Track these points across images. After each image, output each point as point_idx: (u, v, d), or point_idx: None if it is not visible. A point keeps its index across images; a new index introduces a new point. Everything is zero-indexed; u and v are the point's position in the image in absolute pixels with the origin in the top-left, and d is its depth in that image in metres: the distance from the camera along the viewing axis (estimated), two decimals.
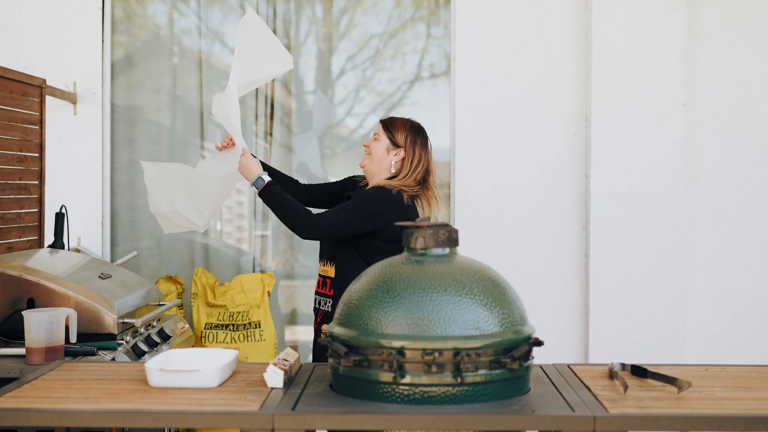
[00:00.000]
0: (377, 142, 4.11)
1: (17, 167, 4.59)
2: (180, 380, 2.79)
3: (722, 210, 5.52)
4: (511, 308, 2.70)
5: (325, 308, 4.03)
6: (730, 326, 5.53)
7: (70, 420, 2.52)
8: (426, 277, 2.66)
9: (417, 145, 4.13)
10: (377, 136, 4.12)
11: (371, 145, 4.13)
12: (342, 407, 2.55)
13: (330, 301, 4.01)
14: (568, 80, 5.52)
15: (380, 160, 4.11)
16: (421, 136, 4.16)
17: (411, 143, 4.11)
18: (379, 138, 4.12)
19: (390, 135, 4.11)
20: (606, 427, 2.45)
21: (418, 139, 4.14)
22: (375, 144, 4.12)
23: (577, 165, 5.51)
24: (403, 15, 5.83)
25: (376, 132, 4.15)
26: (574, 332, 5.51)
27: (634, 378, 2.94)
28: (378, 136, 4.12)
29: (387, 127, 4.13)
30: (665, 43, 5.36)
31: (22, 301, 3.74)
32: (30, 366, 3.37)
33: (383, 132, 4.12)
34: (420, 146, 4.14)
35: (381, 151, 4.11)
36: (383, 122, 4.16)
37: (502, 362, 2.60)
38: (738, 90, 5.52)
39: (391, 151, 4.10)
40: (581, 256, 5.49)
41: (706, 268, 5.53)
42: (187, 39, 5.90)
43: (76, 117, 5.62)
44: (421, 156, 4.13)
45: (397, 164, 4.10)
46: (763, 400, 2.66)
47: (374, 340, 2.59)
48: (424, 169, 4.12)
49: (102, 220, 5.69)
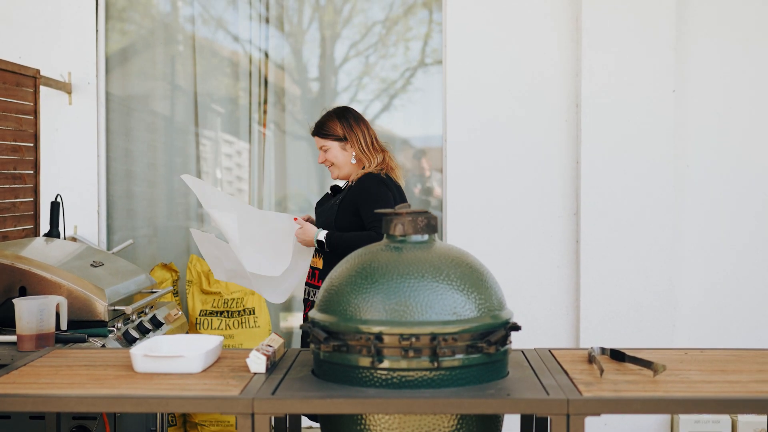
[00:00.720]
0: (330, 152, 4.29)
1: (12, 157, 4.64)
2: (164, 366, 2.83)
3: (712, 195, 5.56)
4: (488, 294, 2.74)
5: (314, 299, 4.12)
6: (720, 310, 5.56)
7: (54, 405, 2.57)
8: (404, 264, 2.70)
9: (353, 124, 4.29)
10: (324, 147, 4.29)
11: (327, 158, 4.30)
12: (321, 392, 2.59)
13: (317, 291, 4.06)
14: (558, 67, 5.55)
15: (344, 162, 4.30)
16: (348, 114, 4.33)
17: (348, 128, 4.28)
18: (327, 146, 4.28)
19: (331, 136, 4.28)
20: (579, 410, 2.49)
21: (349, 119, 4.31)
22: (328, 154, 4.29)
23: (567, 152, 5.54)
24: (406, 1, 5.86)
25: (320, 147, 4.31)
26: (565, 317, 5.55)
27: (612, 362, 2.98)
28: (324, 146, 4.29)
29: (323, 134, 4.29)
30: (655, 29, 5.38)
31: (14, 290, 3.80)
32: (21, 353, 3.42)
33: (324, 140, 4.29)
34: (355, 123, 4.30)
35: (338, 155, 4.29)
36: (316, 134, 4.32)
37: (478, 347, 2.64)
38: (728, 76, 5.55)
39: (346, 148, 4.28)
40: (572, 242, 5.53)
41: (697, 253, 5.57)
42: (182, 26, 5.93)
43: (72, 107, 5.67)
44: (363, 130, 4.30)
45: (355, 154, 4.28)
46: (736, 383, 2.70)
47: (353, 325, 2.64)
48: (371, 138, 4.31)
49: (98, 208, 5.74)
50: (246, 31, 5.87)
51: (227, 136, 5.97)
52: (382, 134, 5.87)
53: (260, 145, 5.90)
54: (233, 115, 5.91)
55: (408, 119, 5.96)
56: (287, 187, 5.91)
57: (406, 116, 5.96)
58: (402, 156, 5.95)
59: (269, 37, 5.88)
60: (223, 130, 5.97)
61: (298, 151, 5.93)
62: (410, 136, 5.97)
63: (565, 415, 2.48)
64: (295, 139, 5.91)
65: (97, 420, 3.59)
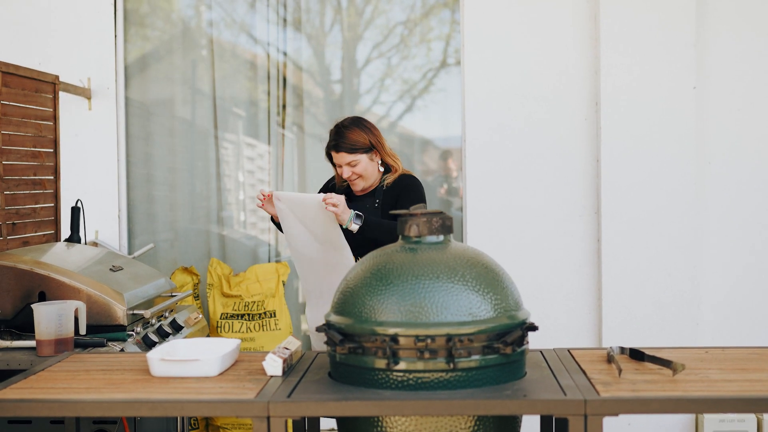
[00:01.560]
0: (359, 165, 4.16)
1: (31, 163, 4.66)
2: (181, 370, 2.84)
3: (734, 192, 5.51)
4: (505, 294, 2.72)
5: None
6: (744, 309, 5.52)
7: (70, 410, 2.58)
8: (419, 265, 2.69)
9: (374, 132, 4.20)
10: (353, 162, 4.15)
11: (356, 171, 4.16)
12: (336, 394, 2.59)
13: None
14: (577, 66, 5.52)
15: (373, 172, 4.21)
16: (365, 122, 4.22)
17: (372, 135, 4.18)
18: (357, 160, 4.15)
19: (359, 150, 4.14)
20: (597, 410, 2.47)
21: (369, 126, 4.21)
22: (358, 168, 4.16)
23: (587, 150, 5.51)
24: (427, 1, 5.85)
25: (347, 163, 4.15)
26: (588, 317, 5.52)
27: (631, 361, 2.96)
28: (353, 161, 4.14)
29: (350, 149, 4.13)
30: (674, 26, 5.35)
31: (33, 295, 3.81)
32: (40, 358, 3.43)
33: (353, 155, 4.14)
34: (374, 129, 4.21)
35: (368, 167, 4.18)
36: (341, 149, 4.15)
37: (495, 347, 2.62)
38: (749, 72, 5.50)
39: (373, 157, 4.19)
40: (593, 241, 5.50)
41: (719, 251, 5.52)
42: (203, 31, 5.94)
43: (91, 112, 5.69)
44: (380, 135, 4.22)
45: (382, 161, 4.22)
46: (756, 382, 2.68)
47: (368, 327, 2.63)
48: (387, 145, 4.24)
49: (119, 213, 5.75)
50: (265, 34, 5.88)
51: (248, 138, 5.97)
52: (405, 135, 5.87)
53: (281, 148, 5.90)
54: (254, 118, 5.91)
55: (431, 120, 5.95)
56: (307, 189, 5.90)
57: (429, 117, 5.94)
58: (426, 157, 5.93)
59: (289, 39, 5.88)
60: (244, 133, 5.97)
61: (318, 153, 5.92)
62: (433, 137, 5.95)
63: (583, 416, 2.46)
64: (316, 141, 5.90)
65: (118, 424, 3.60)
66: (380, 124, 5.96)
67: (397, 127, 5.97)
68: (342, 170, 4.19)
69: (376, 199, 4.21)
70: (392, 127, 5.96)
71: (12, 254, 3.92)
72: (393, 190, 4.17)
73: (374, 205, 4.18)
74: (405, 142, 5.94)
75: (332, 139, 4.20)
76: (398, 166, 4.23)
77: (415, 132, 5.95)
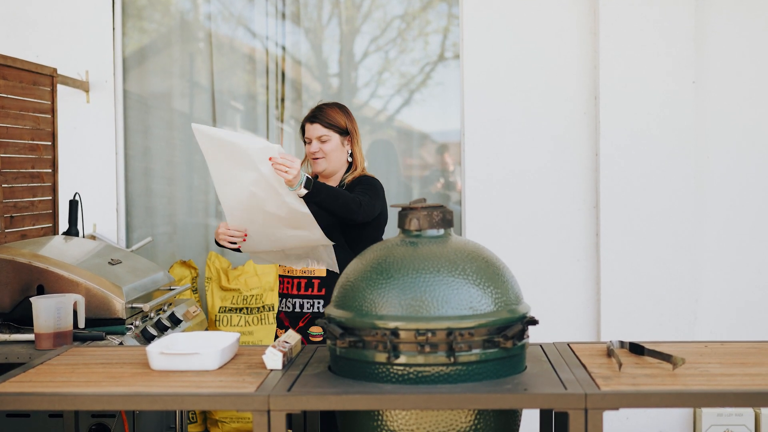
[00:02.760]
0: (329, 143, 3.92)
1: (29, 156, 4.65)
2: (181, 363, 2.83)
3: (733, 187, 5.51)
4: (505, 288, 2.72)
5: (315, 309, 3.86)
6: (742, 303, 5.52)
7: (70, 403, 2.57)
8: (419, 259, 2.68)
9: (354, 121, 4.01)
10: (324, 138, 3.91)
11: (324, 149, 3.91)
12: (337, 388, 2.58)
13: (321, 301, 3.85)
14: (576, 59, 5.51)
15: (339, 159, 3.97)
16: (348, 110, 4.03)
17: (351, 124, 3.99)
18: (329, 137, 3.92)
19: (334, 127, 3.93)
20: (597, 404, 2.47)
21: (351, 115, 4.02)
22: (327, 145, 3.92)
23: (587, 144, 5.51)
24: None
25: (318, 137, 3.91)
26: (586, 311, 5.52)
27: (631, 355, 2.96)
28: (325, 136, 3.91)
29: (327, 123, 3.92)
30: (674, 19, 5.34)
31: (32, 288, 3.80)
32: (39, 351, 3.43)
33: (327, 129, 3.92)
34: (354, 121, 4.02)
35: (337, 151, 3.95)
36: (320, 120, 3.93)
37: (495, 341, 2.62)
38: (748, 67, 5.50)
39: (344, 143, 3.97)
40: (592, 235, 5.50)
41: (718, 245, 5.52)
42: (201, 24, 5.93)
43: (89, 105, 5.68)
44: (359, 133, 4.03)
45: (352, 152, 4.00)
46: (756, 376, 2.67)
47: (369, 321, 2.62)
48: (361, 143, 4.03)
49: (117, 206, 5.75)
50: (263, 28, 5.87)
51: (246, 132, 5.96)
52: (403, 129, 5.87)
53: (279, 141, 5.89)
54: (252, 111, 5.91)
55: (428, 114, 5.94)
56: None
57: (427, 111, 5.94)
58: (424, 151, 5.93)
59: (287, 33, 5.87)
60: (242, 126, 5.96)
61: None
62: (431, 131, 5.95)
63: (583, 410, 2.46)
64: None
65: (116, 417, 3.60)
66: (378, 118, 5.96)
67: (395, 121, 5.96)
68: (310, 146, 3.94)
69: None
70: (390, 121, 5.95)
71: (10, 247, 3.91)
72: (351, 186, 3.92)
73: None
74: (403, 136, 5.93)
75: (311, 112, 3.98)
76: (362, 166, 4.00)
77: (412, 126, 5.94)
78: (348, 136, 3.96)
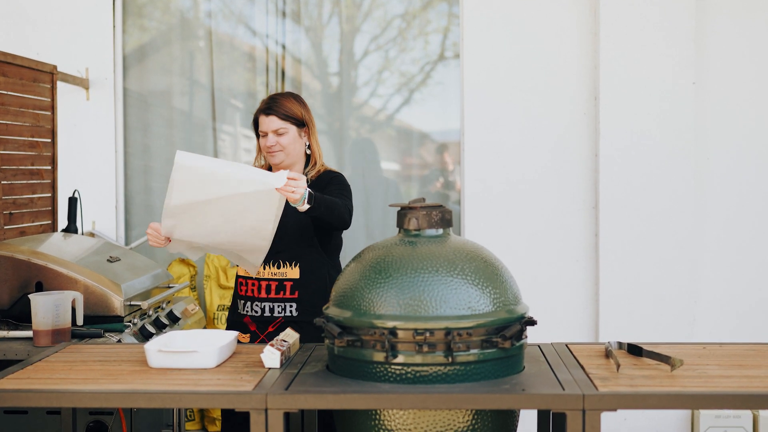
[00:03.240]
0: (286, 136, 3.74)
1: (29, 153, 4.65)
2: (179, 361, 2.83)
3: (733, 188, 5.51)
4: (504, 288, 2.72)
5: (288, 314, 3.67)
6: (741, 304, 5.52)
7: (67, 400, 2.57)
8: (418, 258, 2.69)
9: (310, 113, 3.85)
10: (281, 131, 3.72)
11: (281, 142, 3.73)
12: (334, 387, 2.58)
13: (294, 305, 3.67)
14: (576, 60, 5.51)
15: (297, 152, 3.79)
16: (303, 101, 3.86)
17: (308, 115, 3.82)
18: (286, 129, 3.74)
19: (291, 119, 3.75)
20: (595, 405, 2.47)
21: (307, 106, 3.86)
22: (284, 138, 3.73)
23: (586, 144, 5.50)
24: None
25: (274, 130, 3.72)
26: (585, 311, 5.52)
27: (629, 356, 2.96)
28: (282, 129, 3.72)
29: (283, 114, 3.74)
30: (674, 20, 5.34)
31: (30, 285, 3.80)
32: (37, 348, 3.43)
33: (284, 122, 3.73)
34: (311, 114, 3.86)
35: (295, 144, 3.77)
36: (276, 112, 3.74)
37: (493, 342, 2.62)
38: (748, 68, 5.49)
39: (302, 135, 3.80)
40: (591, 236, 5.50)
41: (717, 247, 5.52)
42: (201, 22, 5.93)
43: (89, 102, 5.68)
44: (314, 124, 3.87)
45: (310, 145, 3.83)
46: (755, 378, 2.67)
47: (367, 320, 2.62)
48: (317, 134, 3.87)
49: (116, 204, 5.75)
50: (264, 26, 5.86)
51: (246, 131, 5.96)
52: (402, 129, 5.87)
53: None
54: (252, 109, 5.90)
55: (428, 113, 5.94)
56: None
57: (426, 110, 5.93)
58: (423, 150, 5.93)
59: (287, 31, 5.87)
60: (242, 125, 5.96)
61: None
62: (430, 131, 5.94)
63: (581, 411, 2.46)
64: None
65: (114, 415, 3.60)
66: (377, 117, 5.96)
67: (395, 120, 5.96)
68: (266, 139, 3.74)
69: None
70: (389, 120, 5.95)
71: (9, 244, 3.92)
72: (319, 183, 3.75)
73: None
74: (402, 136, 5.93)
75: (264, 104, 3.79)
76: (321, 160, 3.83)
77: (412, 125, 5.94)
78: (305, 128, 3.79)
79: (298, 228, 3.64)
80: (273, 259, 3.67)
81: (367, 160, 5.89)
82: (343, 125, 5.86)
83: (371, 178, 5.86)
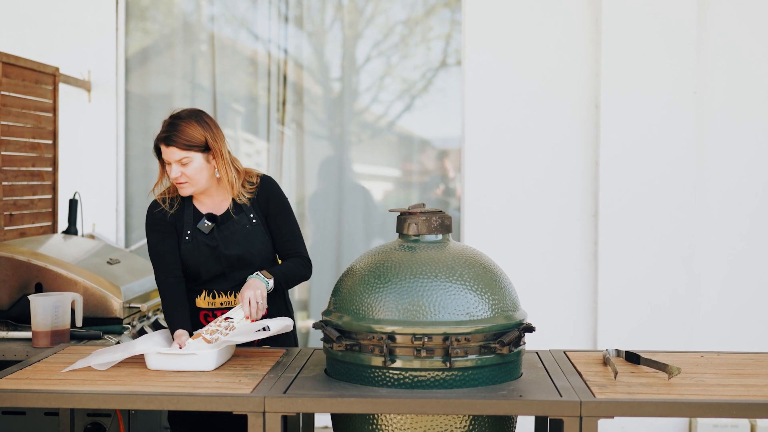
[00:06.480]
0: (191, 166, 3.36)
1: (30, 154, 4.65)
2: (177, 363, 2.84)
3: (732, 197, 5.51)
4: (502, 294, 2.72)
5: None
6: (739, 313, 5.52)
7: (66, 401, 2.58)
8: (417, 264, 2.69)
9: (215, 130, 3.42)
10: (185, 160, 3.34)
11: (186, 173, 3.35)
12: (332, 391, 2.59)
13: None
14: (577, 68, 5.51)
15: (206, 178, 3.41)
16: (206, 117, 3.45)
17: (212, 136, 3.39)
18: (189, 158, 3.34)
19: (194, 147, 3.35)
20: (592, 412, 2.47)
21: (209, 123, 3.43)
22: (189, 168, 3.35)
23: (587, 153, 5.51)
24: (428, 1, 5.84)
25: (177, 160, 3.34)
26: (584, 319, 5.52)
27: (627, 364, 2.97)
28: (185, 159, 3.34)
29: (184, 143, 3.35)
30: (675, 30, 5.34)
31: (30, 286, 3.81)
32: (36, 349, 3.43)
33: (187, 151, 3.34)
34: (216, 128, 3.44)
35: (203, 172, 3.38)
36: (176, 142, 3.35)
37: (491, 347, 2.63)
38: (749, 77, 5.50)
39: (209, 159, 3.40)
40: (591, 244, 5.50)
41: (716, 256, 5.52)
42: (204, 26, 5.94)
43: (91, 104, 5.68)
44: (223, 136, 3.45)
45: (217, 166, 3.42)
46: (752, 387, 2.68)
47: (365, 325, 2.63)
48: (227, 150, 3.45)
49: (116, 206, 5.75)
50: (266, 31, 5.87)
51: (247, 135, 5.97)
52: (403, 135, 5.87)
53: (279, 145, 5.90)
54: (253, 114, 5.91)
55: (429, 120, 5.94)
56: (306, 187, 5.90)
57: (428, 117, 5.94)
58: (424, 157, 5.93)
59: (290, 36, 5.88)
60: (243, 129, 5.97)
61: (317, 151, 5.92)
62: (431, 137, 5.95)
63: (578, 417, 2.47)
64: (315, 138, 5.90)
65: (112, 417, 3.60)
66: (379, 123, 5.96)
67: (396, 127, 5.96)
68: (170, 168, 3.37)
69: (249, 215, 3.46)
70: (390, 126, 5.96)
71: (9, 245, 3.92)
72: (260, 199, 3.48)
73: (252, 222, 3.45)
74: (403, 142, 5.94)
75: (164, 130, 3.41)
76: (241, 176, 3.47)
77: (413, 132, 5.94)
78: (211, 152, 3.39)
79: (261, 260, 3.45)
80: (236, 289, 3.38)
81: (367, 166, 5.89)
82: (344, 130, 5.86)
83: (371, 183, 5.87)
